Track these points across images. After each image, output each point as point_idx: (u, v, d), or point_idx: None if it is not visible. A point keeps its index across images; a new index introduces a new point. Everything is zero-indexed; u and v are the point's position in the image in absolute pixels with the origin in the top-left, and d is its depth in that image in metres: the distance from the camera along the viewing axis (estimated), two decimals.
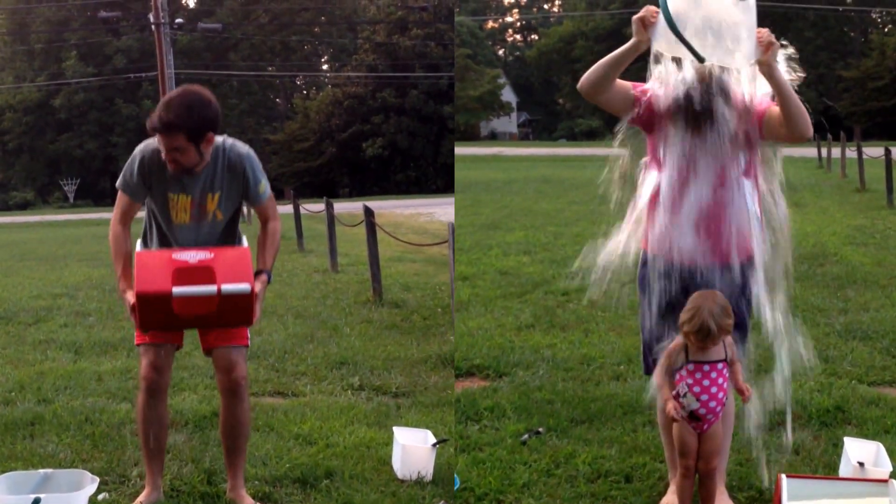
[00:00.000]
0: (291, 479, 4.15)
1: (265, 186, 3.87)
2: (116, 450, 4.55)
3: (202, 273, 3.51)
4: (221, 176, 3.76)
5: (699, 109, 3.45)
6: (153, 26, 29.86)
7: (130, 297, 3.58)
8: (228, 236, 3.87)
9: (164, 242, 3.83)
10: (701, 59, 3.27)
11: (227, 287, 3.49)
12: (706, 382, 3.43)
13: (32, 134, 46.23)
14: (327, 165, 45.18)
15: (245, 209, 4.10)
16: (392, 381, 5.90)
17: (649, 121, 3.58)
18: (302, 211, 16.30)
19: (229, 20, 45.46)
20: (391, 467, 4.28)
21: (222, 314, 3.54)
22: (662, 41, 3.32)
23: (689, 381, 3.44)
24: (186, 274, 3.50)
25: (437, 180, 43.17)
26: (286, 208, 18.46)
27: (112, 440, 4.71)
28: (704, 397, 3.44)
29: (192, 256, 3.57)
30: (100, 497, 3.92)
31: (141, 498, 3.86)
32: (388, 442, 4.51)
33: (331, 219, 12.41)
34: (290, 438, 4.71)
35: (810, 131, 3.38)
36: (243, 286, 3.50)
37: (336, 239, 12.36)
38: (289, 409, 5.23)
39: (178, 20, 33.64)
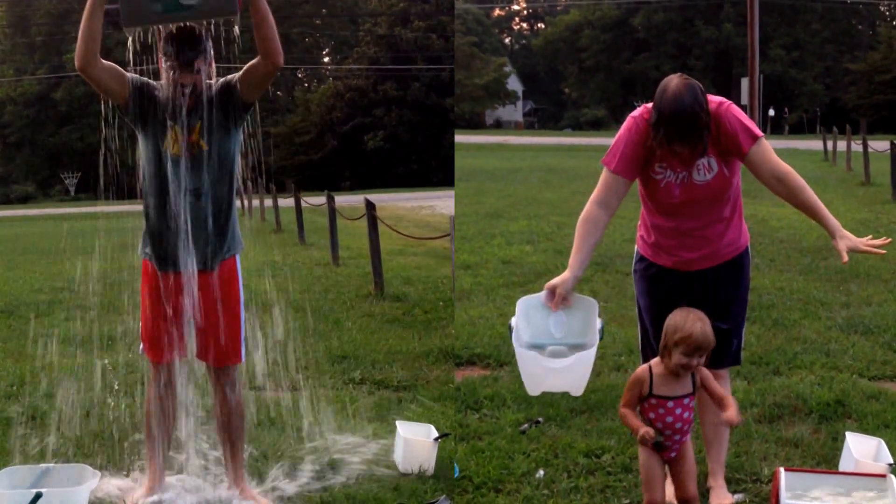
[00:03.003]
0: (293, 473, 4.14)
1: None
2: (118, 444, 4.54)
3: None
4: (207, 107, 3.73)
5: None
6: None
7: None
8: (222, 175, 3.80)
9: (160, 179, 3.77)
10: None
11: None
12: (669, 419, 3.24)
13: (33, 127, 46.23)
14: (328, 158, 45.12)
15: (245, 202, 4.07)
16: (393, 375, 5.89)
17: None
18: (303, 204, 16.27)
19: None
20: (393, 461, 4.27)
21: None
22: None
23: (652, 415, 3.25)
24: None
25: (439, 173, 43.08)
26: (287, 201, 18.43)
27: (113, 434, 4.70)
28: (668, 432, 3.26)
29: None
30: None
31: (143, 491, 3.85)
32: (390, 436, 4.51)
33: (332, 212, 12.39)
34: (292, 432, 4.70)
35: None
36: None
37: (337, 232, 12.35)
38: (290, 403, 5.21)
39: None
